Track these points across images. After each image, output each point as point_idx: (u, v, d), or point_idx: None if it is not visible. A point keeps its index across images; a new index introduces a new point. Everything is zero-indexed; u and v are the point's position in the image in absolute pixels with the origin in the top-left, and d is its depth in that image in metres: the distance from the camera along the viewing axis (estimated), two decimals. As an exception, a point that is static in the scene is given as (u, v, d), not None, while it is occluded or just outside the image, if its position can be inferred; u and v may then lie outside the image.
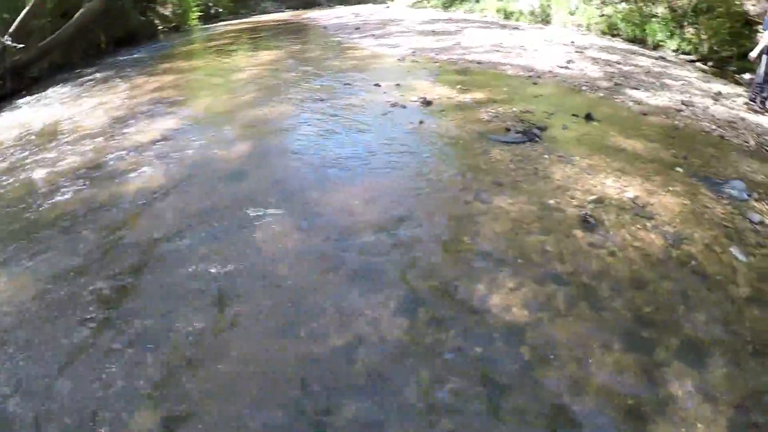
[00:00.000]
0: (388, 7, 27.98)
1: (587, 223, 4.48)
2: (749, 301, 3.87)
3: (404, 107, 7.41)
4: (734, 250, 4.35)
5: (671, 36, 14.91)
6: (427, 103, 7.61)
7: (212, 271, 4.01)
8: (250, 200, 4.89)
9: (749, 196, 5.24)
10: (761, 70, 8.75)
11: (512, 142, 6.09)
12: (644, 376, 3.21)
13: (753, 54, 8.84)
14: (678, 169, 5.68)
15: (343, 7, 28.46)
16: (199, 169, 5.62)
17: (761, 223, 4.77)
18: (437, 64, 10.89)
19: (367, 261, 4.05)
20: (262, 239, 4.33)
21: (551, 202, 4.79)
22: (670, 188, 5.17)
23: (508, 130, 6.49)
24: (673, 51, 14.51)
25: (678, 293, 3.84)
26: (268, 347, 3.27)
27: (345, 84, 8.87)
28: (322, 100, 8.03)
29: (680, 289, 3.87)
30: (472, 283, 3.83)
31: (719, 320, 3.66)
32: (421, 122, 6.75)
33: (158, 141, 6.55)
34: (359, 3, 29.75)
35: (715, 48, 13.86)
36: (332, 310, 3.51)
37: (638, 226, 4.51)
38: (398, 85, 8.70)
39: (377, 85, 8.68)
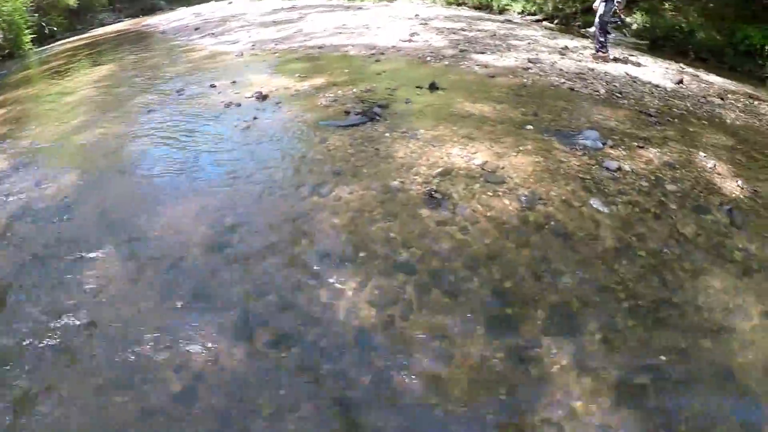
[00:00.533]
0: (231, 2, 27.18)
1: (434, 200, 4.20)
2: (617, 254, 3.75)
3: (239, 105, 6.93)
4: (594, 202, 4.23)
5: (516, -1, 15.38)
6: (263, 97, 7.18)
7: (34, 328, 3.41)
8: (76, 240, 4.27)
9: (604, 144, 5.21)
10: (598, 14, 9.06)
11: (351, 125, 5.76)
12: (514, 359, 3.01)
13: (595, 4, 9.13)
14: (528, 126, 5.58)
15: (184, 8, 27.31)
16: (23, 215, 4.85)
17: (619, 169, 4.72)
18: (276, 54, 10.49)
19: (199, 285, 3.62)
20: (89, 283, 3.76)
21: (394, 183, 4.48)
22: (521, 148, 5.02)
23: (347, 113, 6.15)
24: (519, 13, 14.99)
25: (539, 259, 3.64)
26: (101, 406, 2.87)
27: (178, 91, 8.25)
28: (153, 111, 7.39)
29: (541, 255, 3.68)
30: (313, 290, 3.48)
31: (587, 281, 3.50)
32: (255, 118, 6.31)
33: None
34: (201, 2, 28.73)
35: (560, 6, 14.41)
36: (168, 350, 3.15)
37: (489, 193, 4.28)
38: (234, 82, 8.21)
39: (212, 86, 8.14)
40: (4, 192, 5.33)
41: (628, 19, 12.19)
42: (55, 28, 22.42)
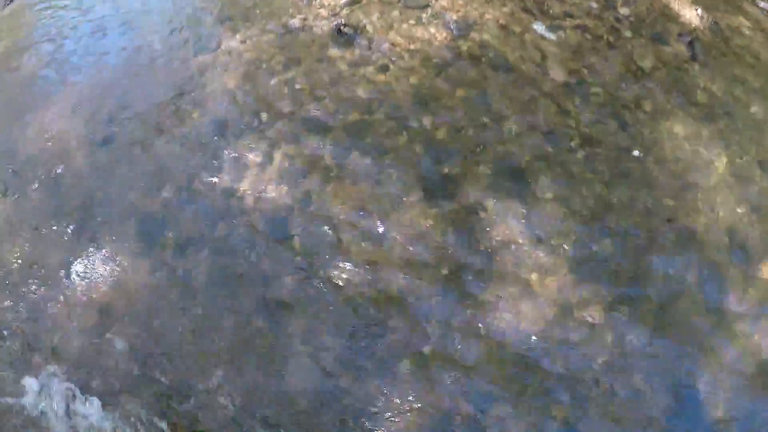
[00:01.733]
0: None
1: (344, 36, 3.64)
2: (567, 90, 3.37)
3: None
4: (538, 27, 3.75)
5: None
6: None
7: None
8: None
9: (544, -49, 4.64)
10: None
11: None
12: (455, 228, 2.77)
13: None
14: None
15: None
16: None
17: (564, -15, 4.21)
18: None
19: (89, 196, 3.18)
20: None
21: (294, 21, 3.85)
22: (449, -41, 4.42)
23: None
24: None
25: (477, 102, 3.23)
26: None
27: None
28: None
29: (479, 96, 3.26)
30: (213, 173, 3.07)
31: (535, 125, 3.15)
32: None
33: None
34: None
35: None
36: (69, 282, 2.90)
37: (411, 21, 3.73)
38: None
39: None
40: None
41: None
42: None
